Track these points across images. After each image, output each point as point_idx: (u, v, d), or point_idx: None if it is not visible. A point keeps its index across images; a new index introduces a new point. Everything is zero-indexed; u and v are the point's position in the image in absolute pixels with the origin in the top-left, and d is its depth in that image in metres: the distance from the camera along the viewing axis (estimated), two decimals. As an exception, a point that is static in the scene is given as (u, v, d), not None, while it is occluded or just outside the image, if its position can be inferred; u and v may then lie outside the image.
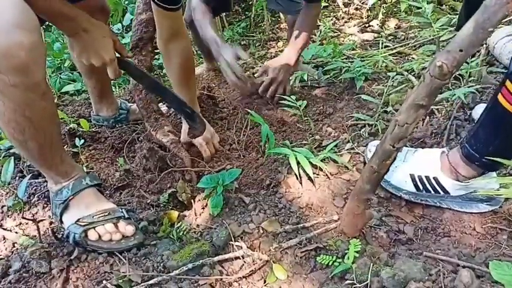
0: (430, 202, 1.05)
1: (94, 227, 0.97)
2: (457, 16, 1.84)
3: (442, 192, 1.02)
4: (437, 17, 2.29)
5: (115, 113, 1.56)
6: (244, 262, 0.94)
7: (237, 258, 0.94)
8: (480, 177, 0.98)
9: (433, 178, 1.02)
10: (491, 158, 0.87)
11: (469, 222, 1.03)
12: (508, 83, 0.79)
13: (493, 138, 0.87)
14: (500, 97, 0.82)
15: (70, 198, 0.98)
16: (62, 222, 1.00)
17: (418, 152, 1.08)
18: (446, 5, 2.64)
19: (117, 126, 1.57)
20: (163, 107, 1.74)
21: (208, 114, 1.67)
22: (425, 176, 1.03)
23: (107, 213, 0.99)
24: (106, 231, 0.97)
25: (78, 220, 0.97)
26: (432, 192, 1.03)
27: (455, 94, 1.39)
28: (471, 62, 1.53)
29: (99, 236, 0.97)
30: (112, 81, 1.92)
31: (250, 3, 2.99)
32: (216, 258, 0.93)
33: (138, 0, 1.35)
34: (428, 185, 1.02)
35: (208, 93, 1.71)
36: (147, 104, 1.33)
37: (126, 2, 2.19)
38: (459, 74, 1.57)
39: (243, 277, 0.91)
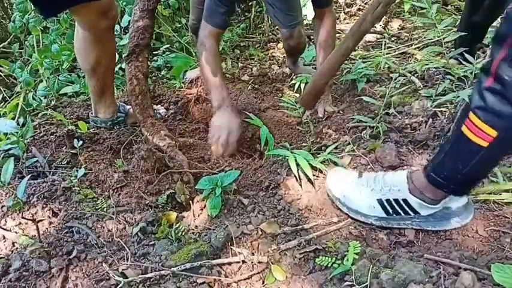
0: (402, 225, 1.01)
1: None
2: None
3: (412, 213, 1.00)
4: (442, 18, 2.28)
5: (113, 115, 1.57)
6: (243, 263, 0.93)
7: (236, 262, 0.94)
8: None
9: (402, 200, 0.99)
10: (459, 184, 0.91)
11: (472, 225, 1.01)
12: (471, 115, 0.82)
13: (461, 168, 0.88)
14: (464, 128, 0.84)
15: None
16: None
17: (382, 176, 1.06)
18: (451, 6, 2.63)
19: (115, 128, 1.57)
20: (161, 109, 1.75)
21: (207, 116, 1.68)
22: (394, 199, 1.00)
23: None
24: None
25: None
26: (402, 214, 1.00)
27: (459, 96, 1.38)
28: (476, 63, 1.52)
29: None
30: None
31: (250, 4, 2.99)
32: (214, 262, 0.93)
33: (134, 7, 1.35)
34: (398, 208, 1.00)
35: (206, 95, 1.71)
36: (143, 109, 1.34)
37: (124, 4, 2.19)
38: (463, 76, 1.55)
39: (242, 279, 0.90)
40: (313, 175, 1.17)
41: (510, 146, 0.84)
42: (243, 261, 0.93)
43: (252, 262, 0.93)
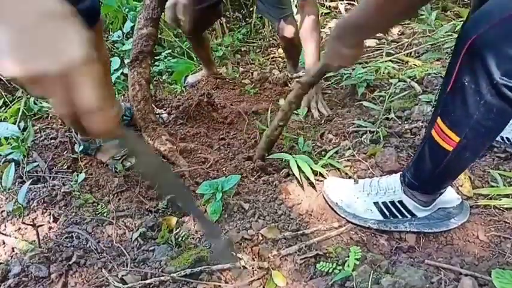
0: (399, 228, 1.01)
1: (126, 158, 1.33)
2: (462, 23, 1.84)
3: (409, 216, 1.00)
4: (442, 24, 2.29)
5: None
6: (244, 269, 0.93)
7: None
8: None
9: (398, 202, 1.00)
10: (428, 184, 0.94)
11: (472, 230, 1.01)
12: (438, 120, 0.82)
13: (431, 170, 0.90)
14: (433, 132, 0.85)
15: (102, 144, 1.34)
16: (96, 157, 1.37)
17: (378, 180, 1.07)
18: (451, 12, 2.64)
19: None
20: (164, 114, 1.75)
21: (208, 120, 1.68)
22: (390, 201, 1.01)
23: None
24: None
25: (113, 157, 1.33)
26: (400, 217, 1.01)
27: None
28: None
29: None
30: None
31: (251, 9, 3.02)
32: (214, 267, 0.93)
33: (139, 16, 1.38)
34: (394, 210, 1.01)
35: (208, 99, 1.72)
36: (145, 115, 1.36)
37: (127, 10, 2.22)
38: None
39: (242, 285, 0.90)
40: (314, 179, 1.17)
41: (474, 151, 0.84)
42: (244, 267, 0.93)
43: (253, 268, 0.93)
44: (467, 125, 0.77)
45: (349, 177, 1.20)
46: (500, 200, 1.06)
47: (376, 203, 1.03)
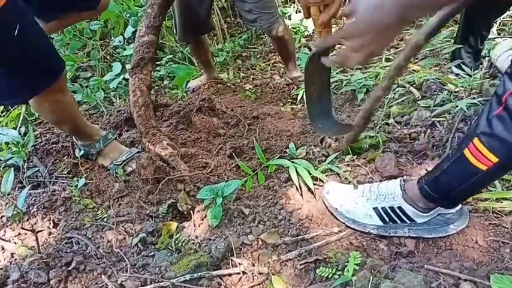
0: (399, 233, 1.02)
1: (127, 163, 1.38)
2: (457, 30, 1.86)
3: (408, 221, 1.01)
4: (440, 30, 2.30)
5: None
6: (244, 274, 0.93)
7: (236, 273, 0.94)
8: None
9: (397, 207, 1.01)
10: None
11: (472, 235, 1.01)
12: (476, 140, 0.83)
13: (456, 186, 0.91)
14: (466, 152, 0.85)
15: (102, 148, 1.38)
16: (97, 161, 1.41)
17: (377, 185, 1.07)
18: (448, 18, 2.66)
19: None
20: (165, 126, 1.75)
21: (209, 125, 1.69)
22: (390, 207, 1.01)
23: (128, 152, 1.39)
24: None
25: (115, 161, 1.37)
26: (399, 222, 1.01)
27: (457, 106, 1.39)
28: (474, 74, 1.54)
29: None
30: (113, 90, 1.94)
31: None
32: (214, 273, 0.93)
33: (140, 24, 1.41)
34: (394, 216, 1.01)
35: (208, 104, 1.73)
36: (146, 120, 1.37)
37: (128, 15, 2.24)
38: (462, 87, 1.57)
39: (242, 290, 0.90)
40: (314, 185, 1.18)
41: (507, 171, 0.86)
42: (244, 272, 0.93)
43: (253, 273, 0.93)
44: (509, 148, 0.78)
45: (349, 182, 1.20)
46: (501, 202, 1.06)
47: (375, 209, 1.03)
